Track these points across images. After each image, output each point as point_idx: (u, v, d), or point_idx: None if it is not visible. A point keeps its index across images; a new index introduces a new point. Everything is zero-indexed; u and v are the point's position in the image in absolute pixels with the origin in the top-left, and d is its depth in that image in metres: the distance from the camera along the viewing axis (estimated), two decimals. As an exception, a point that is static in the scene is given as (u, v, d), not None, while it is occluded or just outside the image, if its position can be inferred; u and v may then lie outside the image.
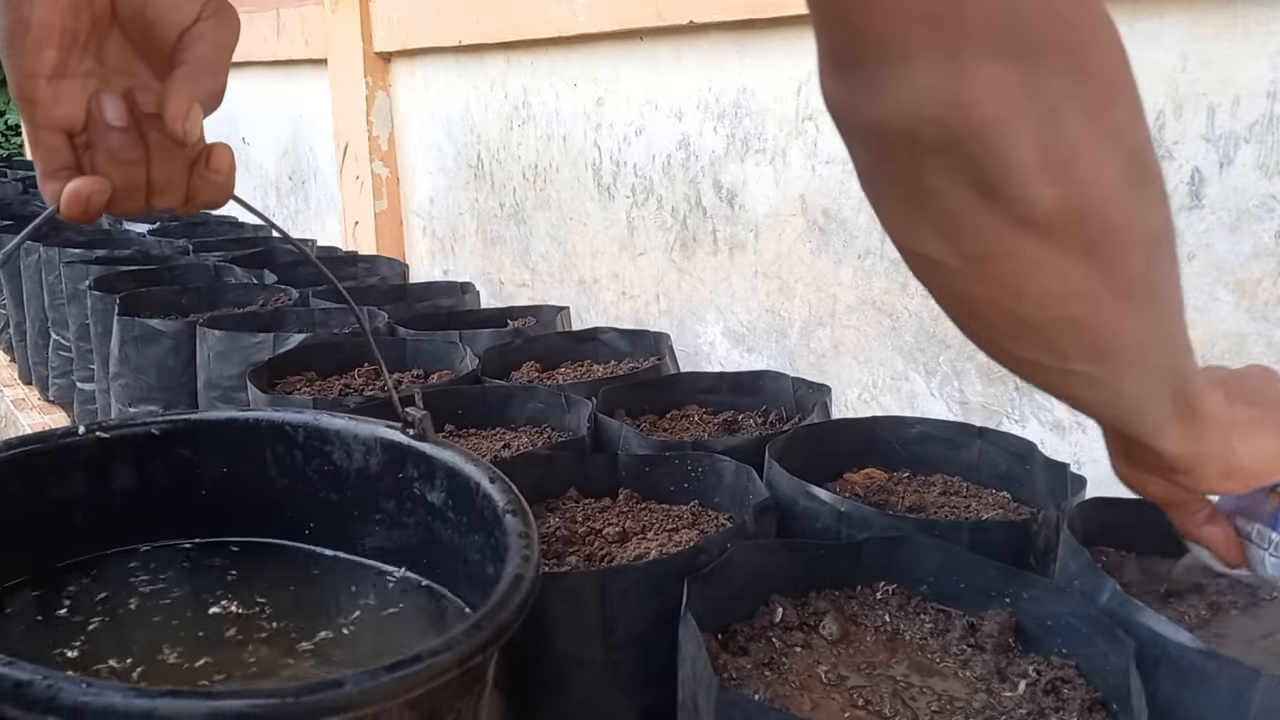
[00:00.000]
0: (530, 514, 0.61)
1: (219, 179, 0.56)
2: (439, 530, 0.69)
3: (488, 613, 0.50)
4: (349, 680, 0.43)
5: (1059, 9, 0.34)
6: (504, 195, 1.97)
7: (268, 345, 1.32)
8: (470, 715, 0.54)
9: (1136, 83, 0.38)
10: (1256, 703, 0.55)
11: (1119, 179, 0.36)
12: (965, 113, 0.33)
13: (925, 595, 0.75)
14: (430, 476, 0.69)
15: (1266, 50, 0.86)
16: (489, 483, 0.65)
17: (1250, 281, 0.90)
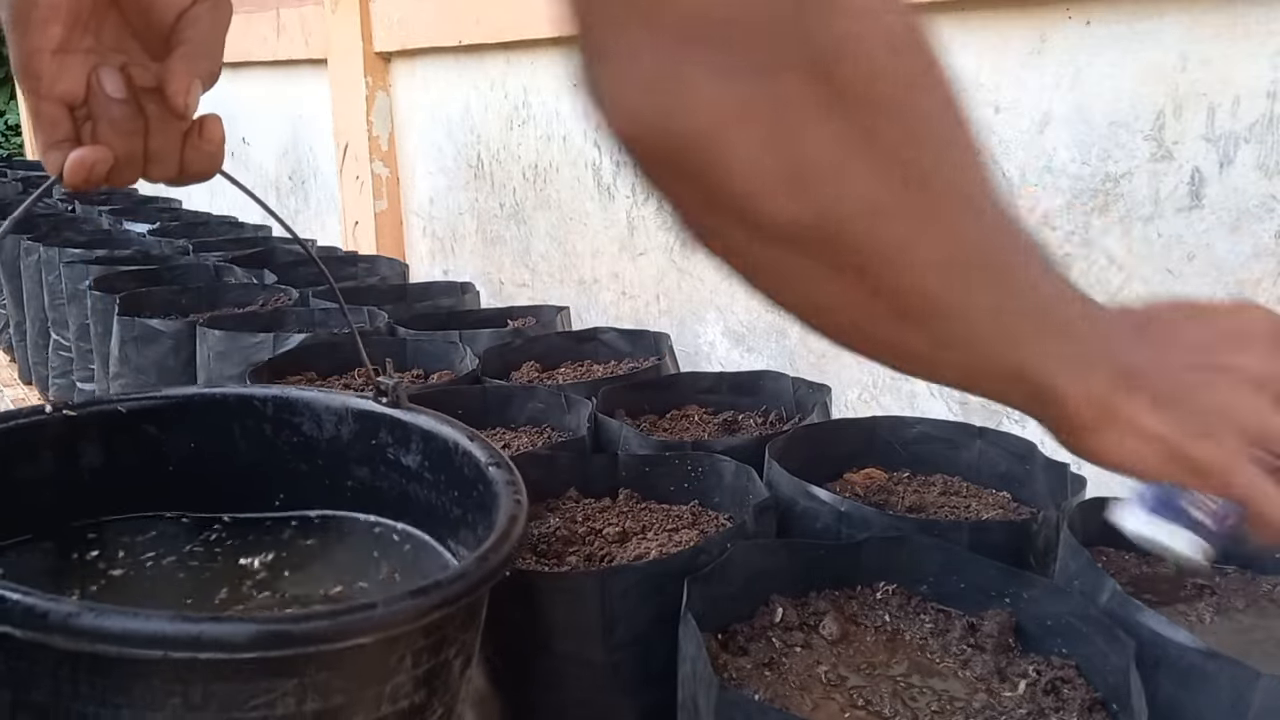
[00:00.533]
0: (514, 467, 0.63)
1: (210, 149, 0.59)
2: (415, 491, 0.71)
3: (491, 547, 0.53)
4: (380, 603, 0.46)
5: (807, 20, 0.30)
6: (504, 195, 1.97)
7: (268, 345, 1.32)
8: (471, 650, 0.57)
9: (928, 97, 0.34)
10: (1256, 703, 0.55)
11: (875, 196, 0.33)
12: (678, 127, 0.31)
13: (925, 595, 0.75)
14: (405, 441, 0.71)
15: (1266, 50, 0.86)
16: (468, 441, 0.67)
17: (1250, 281, 0.90)
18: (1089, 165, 1.00)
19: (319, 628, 0.45)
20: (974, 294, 0.38)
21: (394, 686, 0.50)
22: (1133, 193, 0.97)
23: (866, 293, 0.36)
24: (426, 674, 0.52)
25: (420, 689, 0.52)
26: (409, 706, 0.51)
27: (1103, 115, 0.98)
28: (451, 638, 0.53)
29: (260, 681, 0.45)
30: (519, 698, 0.77)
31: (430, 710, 0.53)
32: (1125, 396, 0.42)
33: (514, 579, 0.73)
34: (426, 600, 0.48)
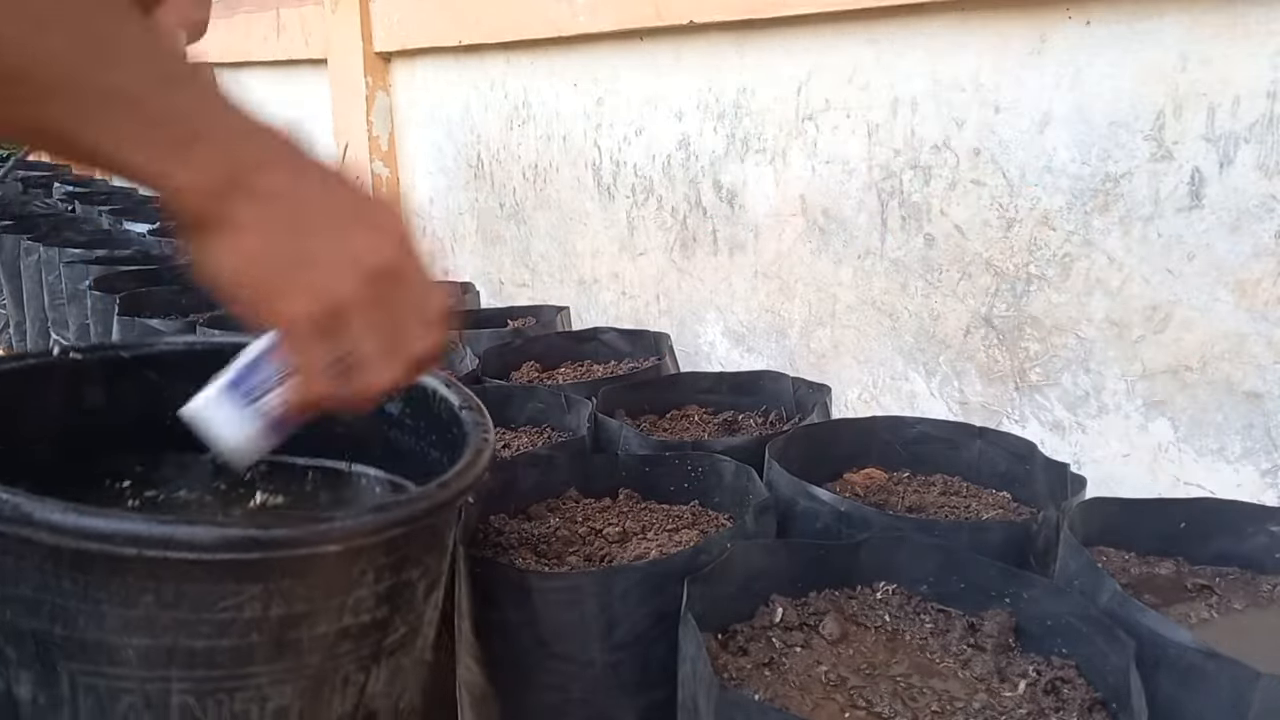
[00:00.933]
0: (485, 410, 0.68)
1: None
2: (396, 437, 0.75)
3: (454, 475, 0.57)
4: (339, 517, 0.50)
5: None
6: (504, 195, 1.97)
7: (268, 345, 1.31)
8: (435, 575, 0.61)
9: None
10: (1256, 703, 0.55)
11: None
12: None
13: (925, 595, 0.75)
14: None
15: (1266, 50, 0.86)
16: (445, 388, 0.71)
17: (1250, 281, 0.90)
18: (1089, 165, 1.00)
19: (282, 535, 0.48)
20: (49, 35, 0.39)
21: (356, 599, 0.54)
22: (1133, 193, 0.97)
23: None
24: (388, 590, 0.55)
25: (382, 605, 0.55)
26: (371, 620, 0.55)
27: (1103, 115, 0.98)
28: (413, 558, 0.57)
29: (228, 584, 0.49)
30: (519, 698, 0.77)
31: (392, 626, 0.57)
32: (239, 203, 0.43)
33: (514, 579, 0.74)
34: (386, 516, 0.52)
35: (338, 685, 0.56)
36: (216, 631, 0.50)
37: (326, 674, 0.55)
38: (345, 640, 0.55)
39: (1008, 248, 1.09)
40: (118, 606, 0.49)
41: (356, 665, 0.56)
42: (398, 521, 0.52)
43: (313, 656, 0.53)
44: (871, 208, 1.23)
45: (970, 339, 1.15)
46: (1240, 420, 0.93)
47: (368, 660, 0.57)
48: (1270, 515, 0.78)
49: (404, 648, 0.59)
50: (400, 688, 0.61)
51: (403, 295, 0.48)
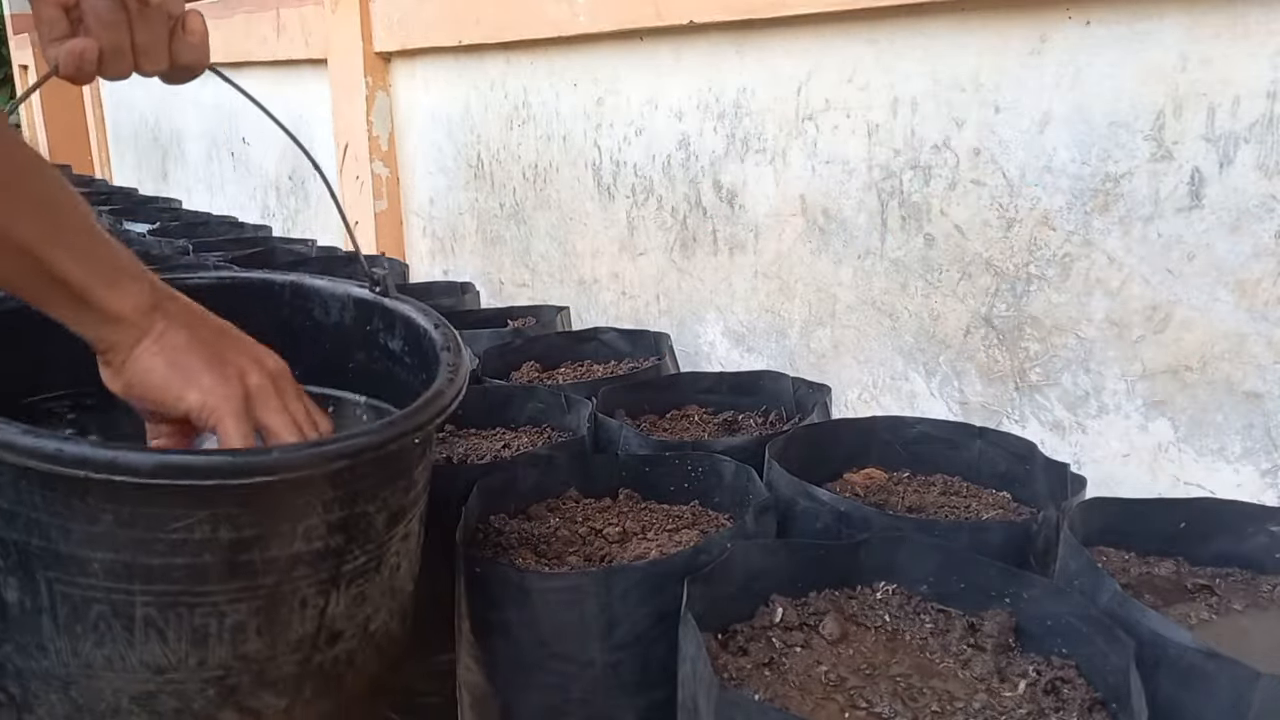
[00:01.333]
0: (460, 349, 0.72)
1: (195, 40, 0.67)
2: (397, 372, 0.79)
3: (400, 416, 0.60)
4: (277, 450, 0.55)
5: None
6: (504, 195, 1.97)
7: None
8: (397, 505, 0.63)
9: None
10: (1256, 703, 0.55)
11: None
12: None
13: (925, 595, 0.75)
14: (391, 327, 0.80)
15: (1266, 50, 0.86)
16: (434, 329, 0.75)
17: (1250, 281, 0.90)
18: (1089, 165, 1.00)
19: (216, 464, 0.52)
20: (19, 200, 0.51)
21: (307, 527, 0.57)
22: (1133, 193, 0.97)
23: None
24: (341, 521, 0.59)
25: (335, 534, 0.59)
26: (324, 548, 0.58)
27: (1103, 115, 0.98)
28: (366, 492, 0.60)
29: (177, 509, 0.53)
30: (519, 698, 0.77)
31: (349, 554, 0.60)
32: (163, 319, 0.57)
33: (514, 579, 0.74)
34: (322, 451, 0.55)
35: (295, 606, 0.59)
36: (171, 550, 0.54)
37: (284, 595, 0.58)
38: (299, 565, 0.58)
39: (1008, 248, 1.09)
40: (82, 523, 0.53)
41: (315, 589, 0.59)
42: (336, 455, 0.55)
43: (267, 578, 0.57)
44: (871, 208, 1.23)
45: (970, 339, 1.15)
46: (1240, 420, 0.93)
47: (326, 584, 0.60)
48: (1270, 515, 0.78)
49: (365, 575, 0.62)
50: (368, 611, 0.64)
51: (293, 389, 0.61)
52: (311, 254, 2.11)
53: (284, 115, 0.69)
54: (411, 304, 0.79)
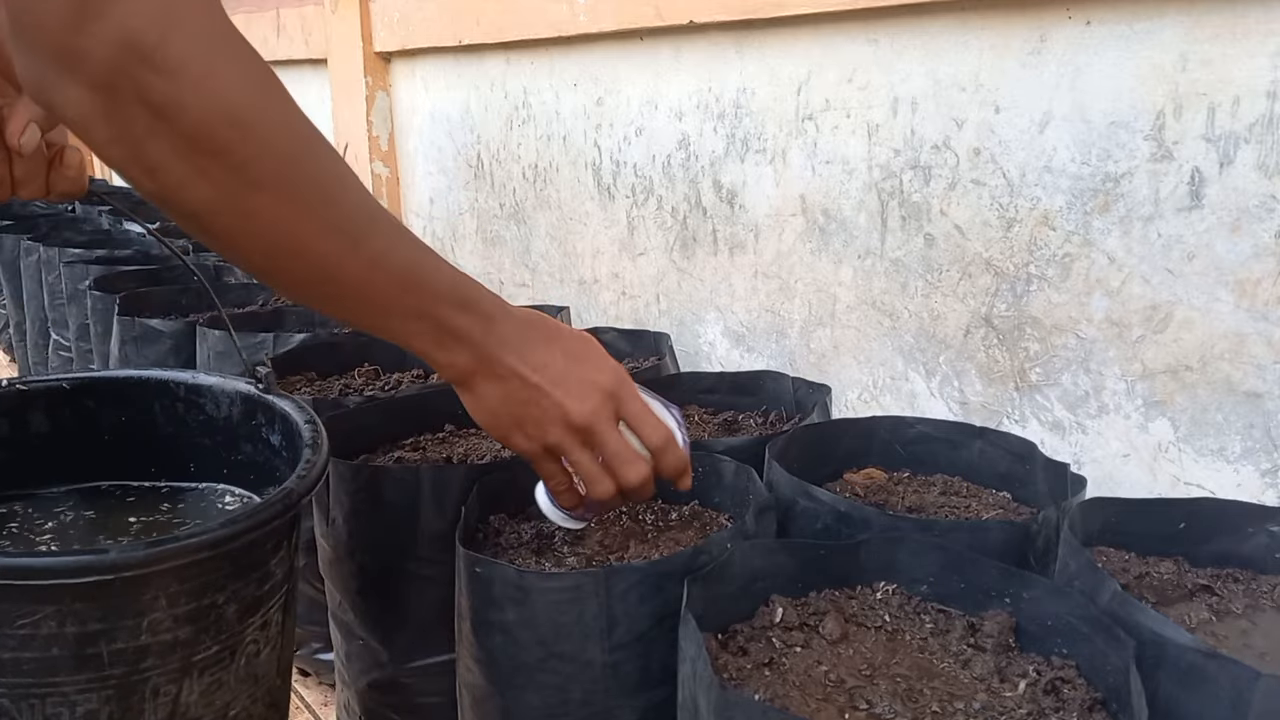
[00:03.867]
0: (321, 446, 0.76)
1: (71, 174, 0.73)
2: (277, 465, 0.84)
3: (248, 511, 0.63)
4: (114, 549, 0.57)
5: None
6: (504, 195, 1.97)
7: (268, 345, 1.32)
8: (251, 597, 0.66)
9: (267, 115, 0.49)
10: (1256, 703, 0.55)
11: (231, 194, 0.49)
12: (61, 111, 0.45)
13: (925, 595, 0.75)
14: (272, 422, 0.85)
15: (1266, 50, 0.86)
16: (304, 424, 0.79)
17: (1250, 281, 0.90)
18: (1089, 165, 1.00)
19: (54, 564, 0.55)
20: (373, 241, 0.55)
21: (152, 621, 0.60)
22: (1133, 193, 0.97)
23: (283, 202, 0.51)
24: (189, 613, 0.62)
25: (183, 626, 0.61)
26: (172, 640, 0.61)
27: (1103, 115, 0.98)
28: (216, 584, 0.63)
29: (25, 604, 0.56)
30: (519, 698, 0.77)
31: (200, 645, 0.63)
32: (480, 380, 0.63)
33: (514, 579, 0.74)
34: (159, 551, 0.57)
35: (147, 695, 0.62)
36: (19, 644, 0.57)
37: (133, 685, 0.61)
38: (148, 656, 0.61)
39: (1008, 248, 1.09)
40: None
41: (165, 678, 0.62)
42: (174, 554, 0.58)
43: (115, 669, 0.60)
44: (871, 208, 1.23)
45: (970, 339, 1.15)
46: (1240, 420, 0.93)
47: (177, 674, 0.63)
48: (1270, 515, 0.78)
49: (220, 664, 0.65)
50: (226, 698, 0.67)
51: (602, 442, 0.66)
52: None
53: None
54: (290, 400, 0.84)
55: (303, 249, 0.52)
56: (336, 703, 1.11)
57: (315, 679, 1.33)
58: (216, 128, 0.46)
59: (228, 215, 0.49)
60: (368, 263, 0.55)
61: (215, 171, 0.47)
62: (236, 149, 0.47)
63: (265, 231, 0.51)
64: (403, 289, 0.57)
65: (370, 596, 0.96)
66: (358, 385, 1.29)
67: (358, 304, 0.57)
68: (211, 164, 0.47)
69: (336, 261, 0.54)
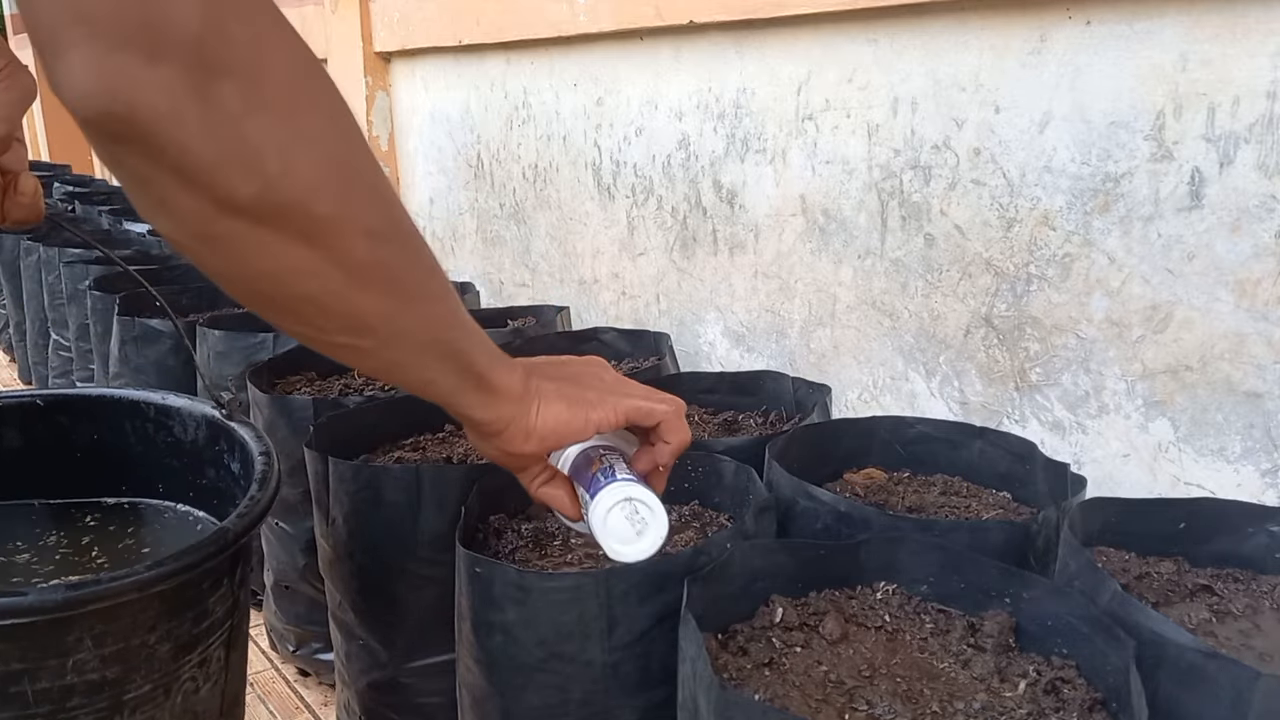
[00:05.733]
0: (269, 483, 0.75)
1: (25, 200, 0.72)
2: (236, 492, 0.83)
3: (170, 557, 0.62)
4: (33, 593, 0.56)
5: (228, 29, 0.37)
6: (504, 195, 1.97)
7: (268, 345, 1.32)
8: (188, 635, 0.66)
9: (333, 97, 0.42)
10: (1256, 703, 0.55)
11: (319, 176, 0.41)
12: (128, 108, 0.36)
13: (925, 595, 0.75)
14: (233, 450, 0.85)
15: (1266, 50, 0.86)
16: (259, 455, 0.79)
17: (1250, 281, 0.90)
18: (1089, 165, 1.00)
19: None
20: (409, 262, 0.48)
21: (77, 661, 0.59)
22: (1133, 193, 0.97)
23: (320, 257, 0.43)
24: (117, 654, 0.60)
25: (111, 665, 0.61)
26: (100, 679, 0.60)
27: (1103, 115, 0.98)
28: (146, 624, 0.62)
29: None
30: (519, 698, 0.77)
31: (130, 684, 0.63)
32: (537, 381, 0.58)
33: (514, 579, 0.74)
34: (78, 595, 0.57)
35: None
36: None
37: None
38: (74, 695, 0.60)
39: (1008, 248, 1.09)
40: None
41: (94, 716, 0.62)
42: (93, 598, 0.58)
43: (41, 708, 0.59)
44: (871, 208, 1.23)
45: (970, 339, 1.15)
46: (1240, 420, 0.93)
47: (106, 712, 0.62)
48: (1270, 515, 0.78)
49: (153, 701, 0.65)
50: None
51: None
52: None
53: None
54: (250, 429, 0.84)
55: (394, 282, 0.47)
56: (336, 703, 1.11)
57: (315, 679, 1.33)
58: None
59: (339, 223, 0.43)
60: (440, 317, 0.51)
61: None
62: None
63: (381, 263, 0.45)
64: (461, 346, 0.53)
65: (370, 596, 0.96)
66: (358, 385, 1.29)
67: (413, 363, 0.51)
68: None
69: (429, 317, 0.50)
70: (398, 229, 0.47)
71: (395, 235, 0.47)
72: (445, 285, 0.51)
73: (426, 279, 0.50)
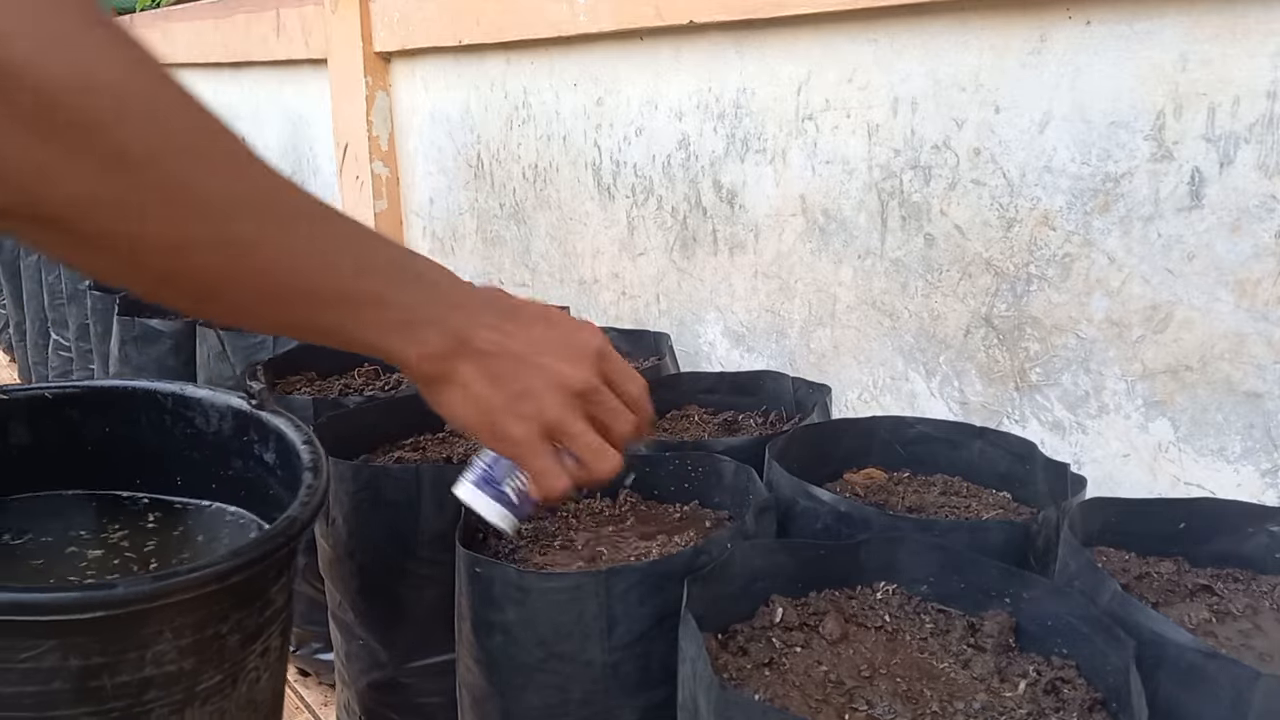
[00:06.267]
0: (322, 470, 0.74)
1: None
2: (270, 483, 0.82)
3: (251, 544, 0.63)
4: (121, 584, 0.56)
5: None
6: (504, 195, 1.97)
7: (268, 345, 1.32)
8: (253, 625, 0.66)
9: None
10: (1256, 703, 0.55)
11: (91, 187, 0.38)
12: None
13: (925, 595, 0.75)
14: (265, 440, 0.83)
15: (1266, 50, 0.86)
16: (302, 444, 0.79)
17: (1250, 281, 0.90)
18: (1089, 165, 1.00)
19: (61, 599, 0.54)
20: (273, 232, 0.45)
21: (156, 653, 0.59)
22: (1133, 193, 0.97)
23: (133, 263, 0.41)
24: (193, 645, 0.61)
25: (187, 657, 0.61)
26: (177, 671, 0.60)
27: (1103, 115, 0.98)
28: (220, 615, 0.62)
29: (26, 639, 0.55)
30: (519, 698, 0.77)
31: (203, 675, 0.62)
32: (461, 362, 0.54)
33: (514, 579, 0.74)
34: (166, 585, 0.57)
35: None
36: (21, 679, 0.56)
37: (136, 716, 0.60)
38: (151, 688, 0.60)
39: (1008, 248, 1.09)
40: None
41: (168, 709, 0.61)
42: (181, 588, 0.58)
43: (118, 702, 0.59)
44: (871, 208, 1.23)
45: (970, 339, 1.15)
46: (1240, 420, 0.93)
47: (180, 705, 0.62)
48: (1270, 515, 0.78)
49: (222, 692, 0.65)
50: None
51: (602, 401, 0.58)
52: None
53: (284, 115, 0.70)
54: (286, 418, 0.82)
55: (212, 239, 0.42)
56: (336, 703, 1.11)
57: (315, 679, 1.33)
58: (70, 93, 0.37)
59: (105, 208, 0.39)
60: (301, 248, 0.46)
61: (81, 147, 0.37)
62: (98, 116, 0.37)
63: (156, 222, 0.40)
64: (355, 273, 0.49)
65: (370, 596, 0.96)
66: (358, 385, 1.29)
67: (288, 301, 0.47)
68: (73, 138, 0.37)
69: (259, 248, 0.44)
70: (253, 197, 0.44)
71: (249, 206, 0.43)
72: (314, 236, 0.47)
73: (283, 223, 0.46)
